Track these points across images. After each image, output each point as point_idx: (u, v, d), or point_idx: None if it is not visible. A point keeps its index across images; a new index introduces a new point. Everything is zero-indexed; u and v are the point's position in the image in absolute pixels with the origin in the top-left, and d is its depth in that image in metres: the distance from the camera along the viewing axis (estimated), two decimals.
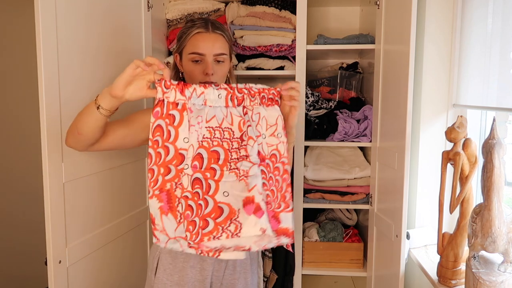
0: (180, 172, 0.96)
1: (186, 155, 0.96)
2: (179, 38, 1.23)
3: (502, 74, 1.29)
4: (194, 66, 1.19)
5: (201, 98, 0.96)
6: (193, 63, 1.19)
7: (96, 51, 1.37)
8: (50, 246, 1.18)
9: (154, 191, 0.96)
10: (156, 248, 1.24)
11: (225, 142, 0.98)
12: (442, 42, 1.57)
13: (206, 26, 1.18)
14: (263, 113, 1.02)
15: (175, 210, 0.96)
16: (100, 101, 0.98)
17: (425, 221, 1.64)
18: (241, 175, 0.98)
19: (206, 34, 1.18)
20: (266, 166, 1.00)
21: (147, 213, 1.75)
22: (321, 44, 1.82)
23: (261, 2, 1.95)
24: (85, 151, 1.11)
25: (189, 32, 1.19)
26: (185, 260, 1.20)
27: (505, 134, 1.45)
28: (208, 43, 1.17)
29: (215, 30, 1.19)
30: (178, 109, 0.95)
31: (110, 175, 1.47)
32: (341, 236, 1.98)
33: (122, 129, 1.11)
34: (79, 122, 1.02)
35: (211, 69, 1.17)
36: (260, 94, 1.02)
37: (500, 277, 1.07)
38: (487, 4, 1.36)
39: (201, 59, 1.18)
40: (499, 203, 1.07)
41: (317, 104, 1.97)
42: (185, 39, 1.20)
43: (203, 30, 1.18)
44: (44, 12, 1.12)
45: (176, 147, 0.95)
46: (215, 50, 1.18)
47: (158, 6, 1.86)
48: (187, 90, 0.95)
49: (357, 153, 2.02)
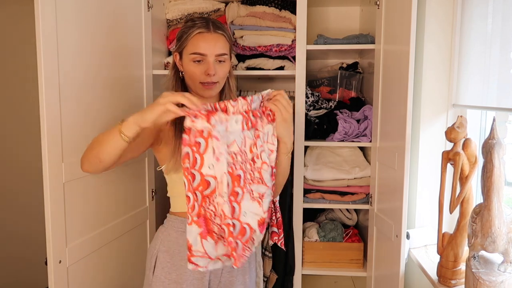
0: (207, 197, 0.99)
1: (213, 182, 0.99)
2: (179, 37, 1.22)
3: (502, 74, 1.29)
4: (195, 66, 1.18)
5: (224, 124, 0.99)
6: (194, 63, 1.18)
7: (96, 51, 1.38)
8: (50, 246, 1.18)
9: (193, 218, 0.99)
10: (154, 247, 1.24)
11: (243, 164, 1.03)
12: (442, 42, 1.57)
13: (208, 26, 1.17)
14: (269, 129, 1.06)
15: (212, 232, 1.00)
16: (126, 130, 0.99)
17: (425, 221, 1.64)
18: (254, 196, 1.04)
19: (208, 34, 1.17)
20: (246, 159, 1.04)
21: (147, 213, 1.75)
22: (321, 44, 1.82)
23: (261, 2, 1.95)
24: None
25: (190, 31, 1.17)
26: (183, 258, 1.19)
27: (505, 134, 1.45)
28: (210, 43, 1.16)
29: (217, 30, 1.18)
30: (204, 136, 0.97)
31: (110, 175, 1.47)
32: (341, 236, 1.98)
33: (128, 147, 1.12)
34: (101, 151, 1.03)
35: (213, 70, 1.16)
36: (264, 112, 1.06)
37: (500, 277, 1.07)
38: (487, 4, 1.36)
39: (203, 59, 1.17)
40: (499, 203, 1.07)
41: (317, 104, 1.97)
42: (186, 39, 1.18)
43: (204, 30, 1.17)
44: (44, 12, 1.12)
45: (202, 174, 0.98)
46: (216, 50, 1.17)
47: (158, 6, 1.86)
48: (212, 118, 0.97)
49: (357, 153, 2.02)
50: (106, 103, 1.44)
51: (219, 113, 0.98)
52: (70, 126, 1.25)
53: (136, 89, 1.67)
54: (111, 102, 1.47)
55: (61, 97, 1.20)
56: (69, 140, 1.24)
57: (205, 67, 1.17)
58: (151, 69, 1.77)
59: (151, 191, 1.78)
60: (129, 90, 1.61)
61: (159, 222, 1.82)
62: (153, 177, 1.78)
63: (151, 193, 1.78)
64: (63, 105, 1.21)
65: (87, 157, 1.06)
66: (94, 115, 1.38)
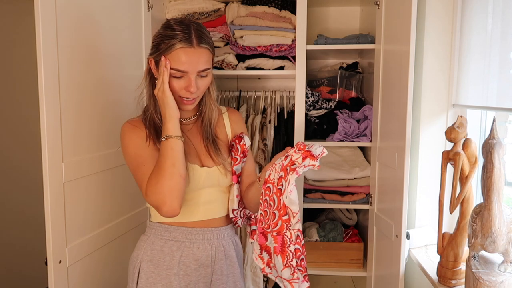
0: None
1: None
2: (157, 44, 1.09)
3: (502, 74, 1.29)
4: (175, 81, 1.08)
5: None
6: (173, 78, 1.08)
7: (96, 51, 1.38)
8: (50, 246, 1.18)
9: (273, 233, 1.11)
10: (136, 257, 1.18)
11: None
12: (442, 42, 1.57)
13: (190, 40, 1.05)
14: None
15: (285, 253, 1.09)
16: (176, 131, 1.07)
17: (425, 221, 1.64)
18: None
19: (190, 50, 1.05)
20: (266, 189, 1.11)
21: (147, 213, 1.75)
22: (321, 44, 1.82)
23: (261, 2, 1.95)
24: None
25: (171, 44, 1.05)
26: (169, 267, 1.15)
27: (505, 134, 1.45)
28: (192, 59, 1.06)
29: (200, 44, 1.07)
30: (291, 168, 1.08)
31: (110, 175, 1.47)
32: (341, 236, 1.98)
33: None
34: (175, 165, 1.04)
35: (194, 87, 1.08)
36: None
37: (500, 277, 1.07)
38: (487, 4, 1.36)
39: (183, 75, 1.08)
40: (499, 203, 1.07)
41: (317, 104, 1.97)
42: (165, 50, 1.06)
43: (186, 45, 1.05)
44: (44, 12, 1.12)
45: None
46: (199, 67, 1.08)
47: (158, 6, 1.86)
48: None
49: (357, 153, 2.02)
50: (106, 103, 1.44)
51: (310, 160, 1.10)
52: (70, 126, 1.25)
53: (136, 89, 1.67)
54: (111, 102, 1.48)
55: (61, 97, 1.20)
56: (69, 140, 1.24)
57: (186, 83, 1.08)
58: None
59: None
60: (129, 90, 1.61)
61: None
62: None
63: None
64: (63, 105, 1.21)
65: (167, 190, 1.02)
66: (94, 115, 1.38)
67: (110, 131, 1.46)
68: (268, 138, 1.89)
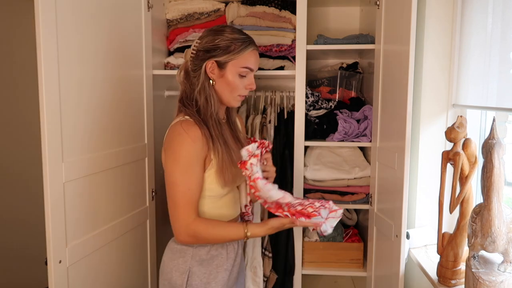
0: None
1: None
2: (227, 47, 1.20)
3: (502, 74, 1.29)
4: (240, 80, 1.24)
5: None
6: (239, 77, 1.23)
7: (96, 51, 1.38)
8: (50, 246, 1.18)
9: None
10: (184, 263, 1.22)
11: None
12: (442, 42, 1.57)
13: (255, 44, 1.26)
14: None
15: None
16: (253, 234, 1.20)
17: (425, 221, 1.64)
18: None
19: (256, 52, 1.27)
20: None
21: (147, 213, 1.75)
22: (321, 44, 1.82)
23: (261, 2, 1.95)
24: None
25: (245, 46, 1.22)
26: (219, 265, 1.25)
27: (505, 134, 1.45)
28: (257, 60, 1.28)
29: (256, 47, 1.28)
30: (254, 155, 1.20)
31: (110, 175, 1.47)
32: (341, 236, 1.98)
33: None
34: (217, 242, 1.23)
35: (255, 84, 1.27)
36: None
37: (500, 277, 1.07)
38: (487, 4, 1.36)
39: (247, 74, 1.25)
40: (499, 203, 1.07)
41: (317, 104, 1.97)
42: (238, 52, 1.21)
43: (255, 48, 1.26)
44: (44, 12, 1.12)
45: None
46: (257, 67, 1.29)
47: (158, 6, 1.87)
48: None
49: (357, 153, 2.02)
50: (106, 103, 1.44)
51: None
52: (70, 126, 1.25)
53: (136, 89, 1.67)
54: (111, 102, 1.48)
55: (61, 97, 1.20)
56: (69, 140, 1.24)
57: (248, 81, 1.26)
58: (151, 69, 1.78)
59: (151, 191, 1.78)
60: (129, 90, 1.61)
61: (159, 222, 1.83)
62: (153, 177, 1.79)
63: (151, 193, 1.78)
64: (63, 105, 1.21)
65: (202, 239, 1.19)
66: (94, 115, 1.38)
67: (110, 131, 1.46)
68: (268, 138, 1.89)
